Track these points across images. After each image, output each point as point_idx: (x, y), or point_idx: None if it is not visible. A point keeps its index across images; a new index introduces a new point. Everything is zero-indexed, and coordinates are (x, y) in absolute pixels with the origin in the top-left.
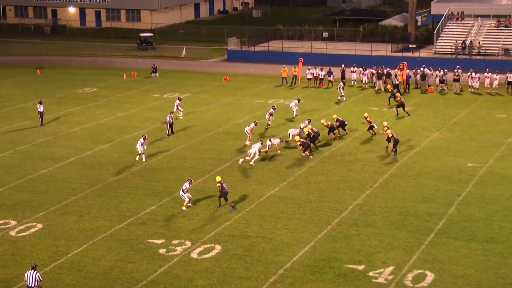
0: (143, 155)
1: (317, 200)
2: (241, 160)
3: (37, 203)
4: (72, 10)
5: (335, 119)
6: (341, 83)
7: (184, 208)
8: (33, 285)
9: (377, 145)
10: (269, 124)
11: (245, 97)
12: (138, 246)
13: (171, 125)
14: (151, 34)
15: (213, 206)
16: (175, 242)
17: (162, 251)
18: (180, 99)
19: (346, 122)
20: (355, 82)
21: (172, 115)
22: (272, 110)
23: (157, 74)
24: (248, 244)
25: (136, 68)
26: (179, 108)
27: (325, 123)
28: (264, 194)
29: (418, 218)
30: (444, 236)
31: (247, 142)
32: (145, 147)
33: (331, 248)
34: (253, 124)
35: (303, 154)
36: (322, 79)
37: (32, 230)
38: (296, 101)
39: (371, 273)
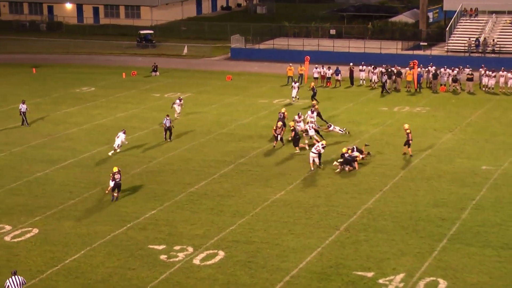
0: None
1: (325, 204)
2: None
3: (33, 207)
4: (69, 6)
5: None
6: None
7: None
8: None
9: (387, 147)
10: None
11: (249, 97)
12: (138, 252)
13: (169, 130)
14: (152, 31)
15: (216, 210)
16: (177, 248)
17: (163, 257)
18: (180, 100)
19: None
20: (364, 82)
21: (168, 118)
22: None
23: (157, 73)
24: (253, 250)
25: (136, 66)
26: (176, 108)
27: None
28: (269, 198)
29: (430, 223)
30: (457, 242)
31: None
32: (124, 142)
33: (339, 254)
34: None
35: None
36: (329, 78)
37: (28, 235)
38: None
39: (381, 281)
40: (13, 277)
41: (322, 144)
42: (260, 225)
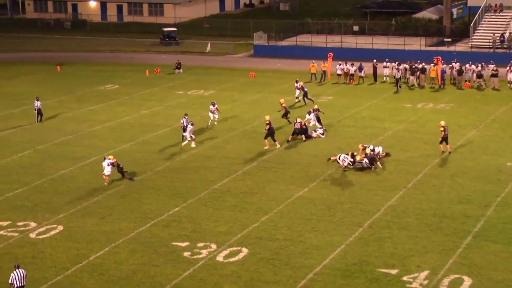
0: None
1: (348, 201)
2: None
3: (58, 204)
4: (93, 4)
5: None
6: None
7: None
8: (24, 283)
9: (411, 144)
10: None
11: (272, 94)
12: (161, 249)
13: (185, 129)
14: (175, 29)
15: (239, 207)
16: (200, 245)
17: (186, 254)
18: (214, 105)
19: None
20: (388, 78)
21: (186, 118)
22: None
23: (181, 70)
24: (276, 247)
25: (159, 64)
26: (210, 115)
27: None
28: (292, 195)
29: (454, 220)
30: (482, 239)
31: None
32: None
33: (363, 251)
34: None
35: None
36: (352, 75)
37: (53, 232)
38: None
39: (405, 278)
40: (17, 270)
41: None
42: (284, 222)
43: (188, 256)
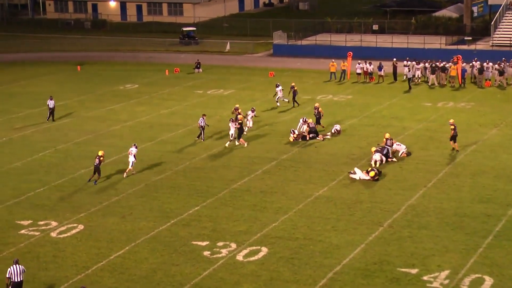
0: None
1: (368, 201)
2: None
3: (78, 203)
4: (112, 4)
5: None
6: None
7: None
8: (21, 279)
9: (431, 143)
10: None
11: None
12: (181, 248)
13: (203, 130)
14: (194, 28)
15: (259, 207)
16: (220, 244)
17: (206, 253)
18: (253, 111)
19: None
20: (406, 77)
21: (204, 118)
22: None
23: (200, 69)
24: (296, 246)
25: (178, 63)
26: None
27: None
28: (312, 194)
29: (475, 220)
30: (504, 238)
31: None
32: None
33: (383, 250)
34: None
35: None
36: (371, 73)
37: (73, 231)
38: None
39: (425, 277)
40: (15, 265)
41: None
42: (303, 222)
43: (208, 255)
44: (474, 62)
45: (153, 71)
